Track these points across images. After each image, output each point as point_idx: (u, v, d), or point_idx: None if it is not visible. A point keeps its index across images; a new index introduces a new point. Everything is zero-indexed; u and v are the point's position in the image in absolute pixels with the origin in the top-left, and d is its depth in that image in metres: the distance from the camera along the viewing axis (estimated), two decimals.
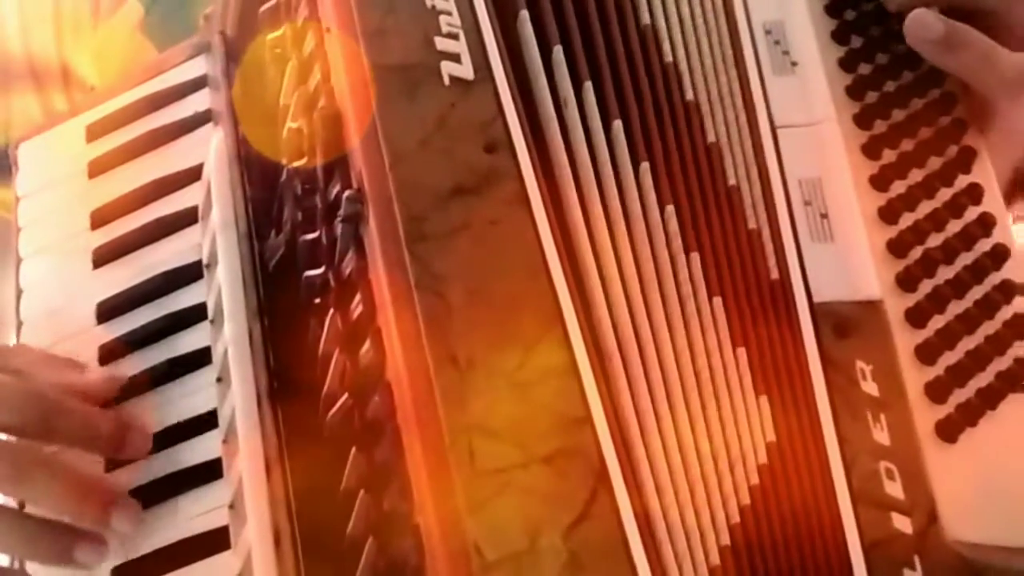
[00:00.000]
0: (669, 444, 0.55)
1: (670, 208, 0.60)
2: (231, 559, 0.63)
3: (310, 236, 0.63)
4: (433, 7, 0.61)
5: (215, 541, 0.64)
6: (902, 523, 0.55)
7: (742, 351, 0.58)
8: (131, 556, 0.66)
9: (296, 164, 0.65)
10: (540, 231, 0.56)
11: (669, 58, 0.64)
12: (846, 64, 0.67)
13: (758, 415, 0.57)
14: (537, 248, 0.56)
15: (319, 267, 0.62)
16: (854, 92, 0.66)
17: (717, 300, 0.59)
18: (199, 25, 0.80)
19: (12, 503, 0.67)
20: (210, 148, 0.72)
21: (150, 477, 0.67)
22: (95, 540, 0.65)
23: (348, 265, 0.59)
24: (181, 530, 0.66)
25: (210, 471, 0.66)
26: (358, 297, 0.58)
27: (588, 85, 0.61)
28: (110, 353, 0.72)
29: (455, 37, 0.61)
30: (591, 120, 0.61)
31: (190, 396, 0.69)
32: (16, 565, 0.67)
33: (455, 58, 0.60)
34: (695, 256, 0.59)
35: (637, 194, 0.60)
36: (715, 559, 0.54)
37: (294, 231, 0.65)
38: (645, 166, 0.60)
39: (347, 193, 0.58)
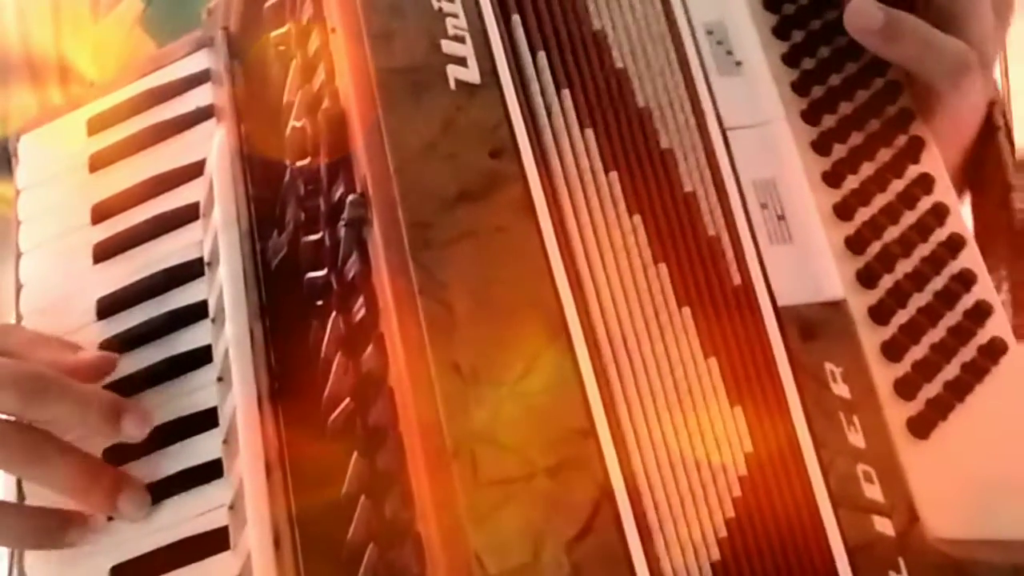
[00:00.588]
0: (660, 457, 0.54)
1: (637, 218, 0.59)
2: (230, 560, 0.63)
3: (313, 237, 0.63)
4: (440, 10, 0.61)
5: (215, 541, 0.64)
6: (883, 525, 0.54)
7: (713, 361, 0.57)
8: (130, 555, 0.66)
9: (299, 164, 0.64)
10: (545, 239, 0.56)
11: (620, 64, 0.64)
12: (789, 60, 0.66)
13: (734, 426, 0.56)
14: (542, 256, 0.55)
15: (322, 269, 0.61)
16: (800, 88, 0.66)
17: (686, 310, 0.58)
18: (199, 20, 0.79)
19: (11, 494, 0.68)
20: (212, 144, 0.72)
21: (151, 476, 0.67)
22: (87, 521, 0.66)
23: (351, 269, 0.59)
24: (181, 530, 0.66)
25: (210, 471, 0.66)
26: (361, 301, 0.57)
27: (566, 93, 0.61)
28: (110, 349, 0.71)
29: (461, 40, 0.60)
30: (571, 128, 0.60)
31: (190, 395, 0.69)
32: (15, 564, 0.67)
33: (461, 62, 0.60)
34: (663, 267, 0.59)
35: (612, 203, 0.59)
36: (708, 573, 0.54)
37: (297, 231, 0.65)
38: (614, 175, 0.60)
39: (351, 197, 0.58)
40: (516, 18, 0.62)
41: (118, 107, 0.79)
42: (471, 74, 0.59)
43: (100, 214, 0.76)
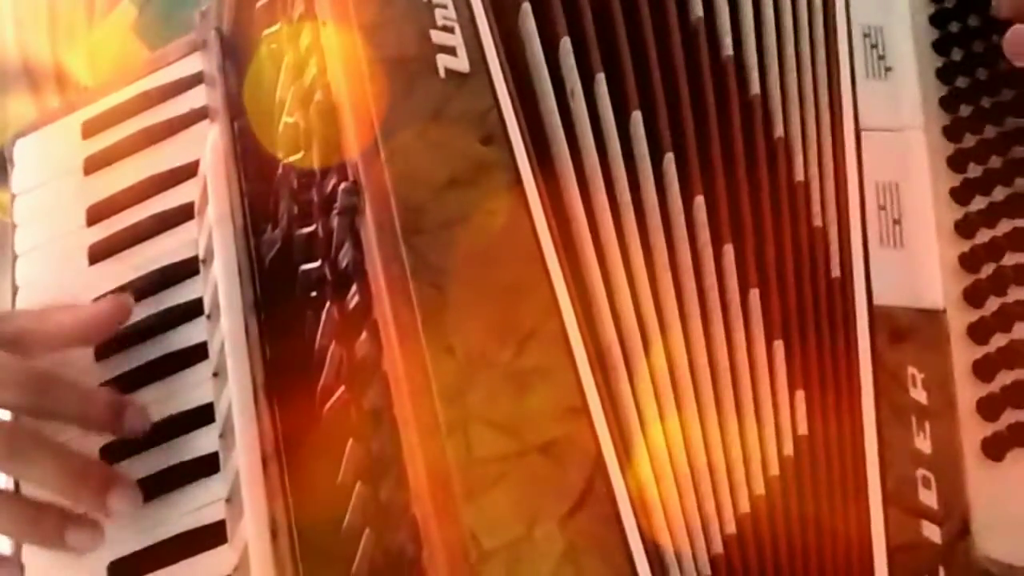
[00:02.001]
0: (671, 433, 0.55)
1: (699, 199, 0.60)
2: (228, 553, 0.63)
3: (306, 230, 0.63)
4: (429, 0, 0.61)
5: (212, 535, 0.64)
6: (931, 532, 0.54)
7: (779, 344, 0.57)
8: (128, 550, 0.66)
9: (293, 158, 0.65)
10: (536, 222, 0.56)
11: (729, 52, 0.64)
12: (943, 75, 0.66)
13: (789, 408, 0.56)
14: (533, 239, 0.56)
15: (315, 260, 0.62)
16: (948, 104, 0.66)
17: (754, 292, 0.58)
18: (191, 26, 0.80)
19: (9, 484, 0.68)
20: (206, 144, 0.72)
21: (147, 471, 0.67)
22: (88, 524, 0.66)
23: (344, 258, 0.59)
24: (178, 524, 0.66)
25: (207, 465, 0.66)
26: (354, 289, 0.58)
27: (600, 77, 0.61)
28: (106, 349, 0.72)
29: (451, 30, 0.61)
30: (602, 111, 0.61)
31: (187, 391, 0.69)
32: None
33: (451, 51, 0.60)
34: (728, 248, 0.59)
35: (654, 185, 0.60)
36: (718, 548, 0.53)
37: (290, 225, 0.65)
38: (669, 157, 0.60)
39: (343, 186, 0.58)
40: (527, 7, 0.62)
41: (112, 110, 0.80)
42: (460, 63, 0.60)
43: (95, 215, 0.77)
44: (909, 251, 0.61)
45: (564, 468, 0.51)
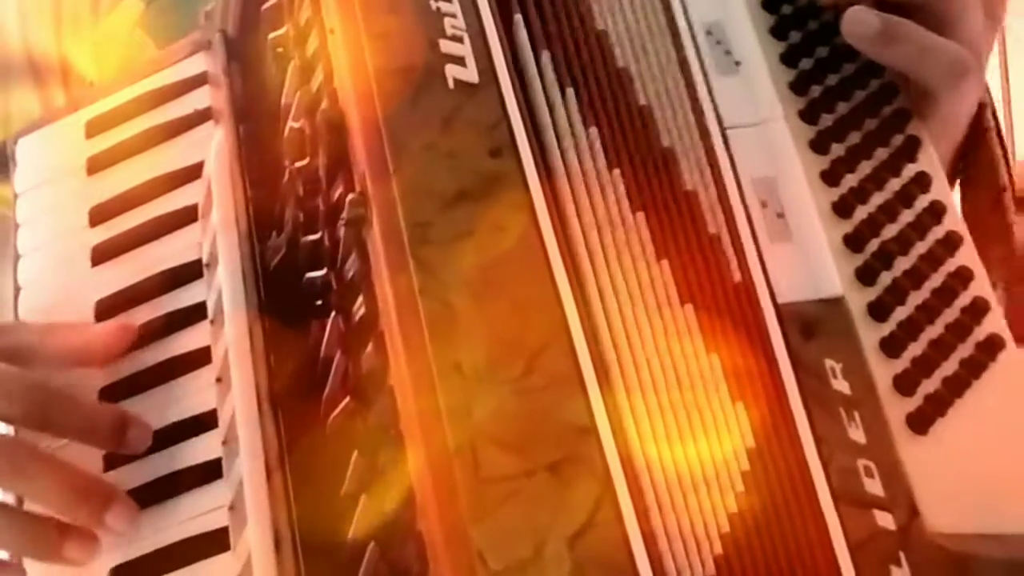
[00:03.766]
0: (664, 454, 0.55)
1: (640, 215, 0.60)
2: (230, 561, 0.63)
3: (312, 237, 0.63)
4: (438, 10, 0.61)
5: (214, 542, 0.64)
6: (885, 520, 0.55)
7: (715, 357, 0.57)
8: (130, 556, 0.66)
9: (298, 164, 0.64)
10: (544, 237, 0.56)
11: (622, 63, 0.64)
12: (787, 59, 0.67)
13: (736, 421, 0.56)
14: (542, 255, 0.56)
15: (321, 269, 0.61)
16: (798, 87, 0.66)
17: (689, 307, 0.58)
18: (199, 22, 0.79)
19: (10, 498, 0.67)
20: (211, 146, 0.72)
21: (150, 477, 0.67)
22: (85, 538, 0.65)
23: (351, 268, 0.59)
24: (180, 530, 0.65)
25: (210, 472, 0.66)
26: (360, 300, 0.58)
27: (570, 92, 0.61)
28: None
29: (460, 40, 0.60)
30: (575, 126, 0.61)
31: (190, 396, 0.69)
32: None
33: (460, 61, 0.60)
34: (665, 263, 0.59)
35: (615, 201, 0.60)
36: (711, 568, 0.54)
37: (296, 231, 0.65)
38: (617, 173, 0.60)
39: (350, 196, 0.58)
40: (518, 17, 0.62)
41: (117, 110, 0.79)
42: (469, 73, 0.60)
43: (98, 216, 0.76)
44: (798, 243, 0.61)
45: (572, 488, 0.51)
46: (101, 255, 0.75)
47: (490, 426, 0.52)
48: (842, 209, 0.63)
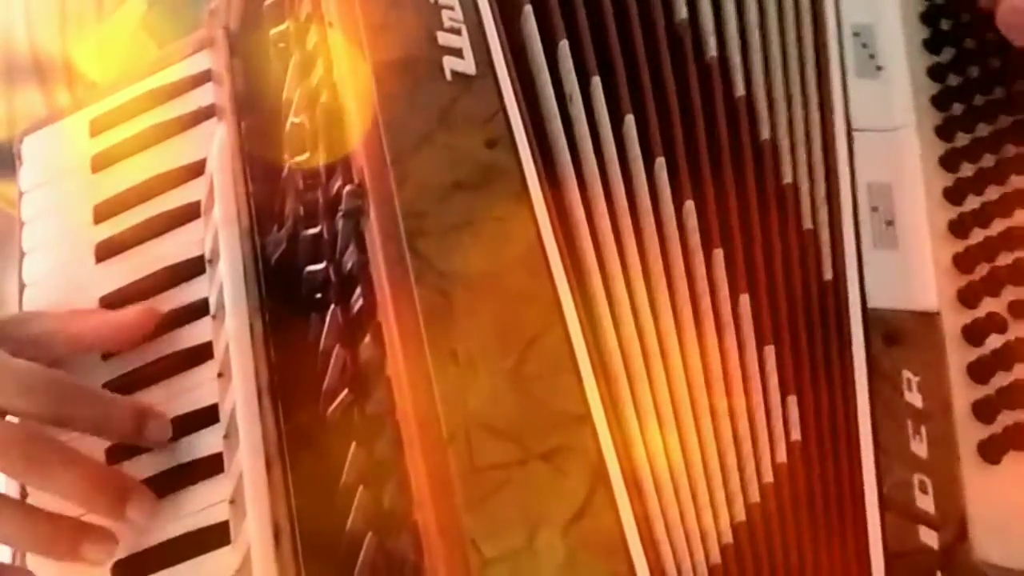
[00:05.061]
0: (670, 441, 0.54)
1: (689, 204, 0.59)
2: (231, 555, 0.63)
3: (312, 231, 0.63)
4: (436, 2, 0.61)
5: (215, 536, 0.64)
6: (929, 537, 0.54)
7: (770, 349, 0.57)
8: (132, 551, 0.66)
9: (298, 159, 0.65)
10: (541, 227, 0.56)
11: (713, 53, 0.64)
12: (935, 74, 0.66)
13: (781, 414, 0.56)
14: (538, 245, 0.55)
15: (320, 262, 0.61)
16: (939, 102, 0.65)
17: (744, 297, 0.58)
18: (200, 23, 0.80)
19: (14, 491, 0.68)
20: (213, 143, 0.72)
21: (151, 472, 0.67)
22: (104, 536, 0.65)
23: (349, 260, 0.59)
24: (181, 525, 0.66)
25: (211, 466, 0.66)
26: (358, 292, 0.58)
27: (596, 80, 0.61)
28: None
29: (457, 32, 0.60)
30: (598, 115, 0.60)
31: (191, 391, 0.69)
32: (17, 561, 0.67)
33: (457, 53, 0.60)
34: (718, 252, 0.59)
35: (647, 190, 0.59)
36: (716, 557, 0.53)
37: (296, 226, 0.65)
38: (660, 161, 0.60)
39: (348, 188, 0.58)
40: (528, 9, 0.62)
41: (120, 108, 0.80)
42: (467, 65, 0.59)
43: (102, 214, 0.77)
44: (903, 253, 0.60)
45: (566, 476, 0.51)
46: (105, 252, 0.76)
47: (485, 414, 0.52)
48: (959, 229, 0.61)
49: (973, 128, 0.64)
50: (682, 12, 0.64)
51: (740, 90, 0.63)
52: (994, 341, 0.59)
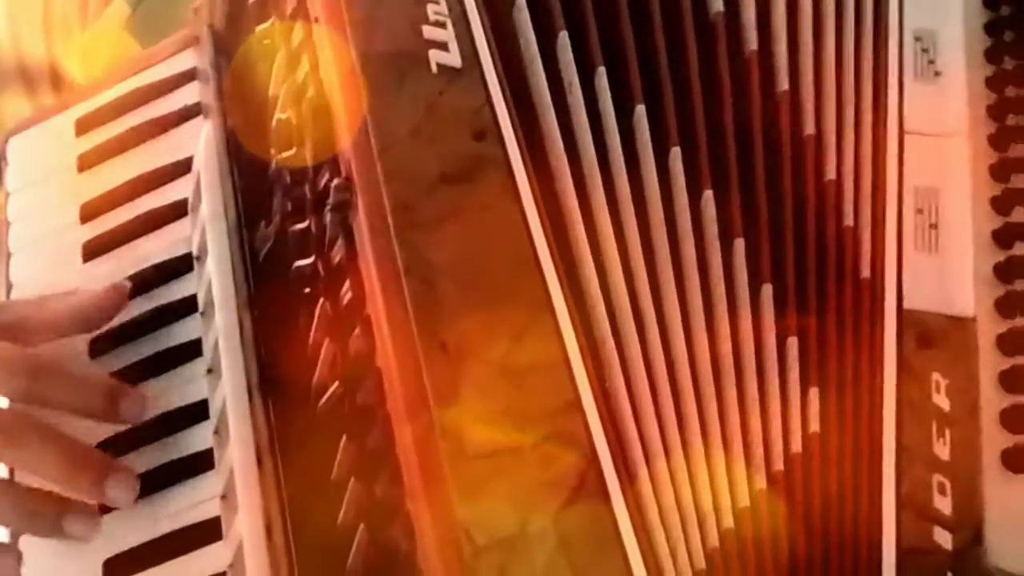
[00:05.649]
0: (668, 428, 0.55)
1: (708, 194, 0.60)
2: (223, 550, 0.63)
3: (300, 226, 0.63)
4: None
5: (207, 532, 0.64)
6: (942, 538, 0.54)
7: (793, 341, 0.57)
8: (122, 548, 0.66)
9: (285, 155, 0.65)
10: (528, 218, 0.56)
11: (753, 47, 0.64)
12: (993, 84, 0.66)
13: (799, 405, 0.56)
14: (525, 235, 0.56)
15: (309, 256, 0.62)
16: (995, 111, 0.65)
17: (767, 288, 0.58)
18: (186, 22, 0.80)
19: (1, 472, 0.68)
20: (200, 140, 0.72)
21: (141, 468, 0.67)
22: (86, 511, 0.65)
23: (337, 254, 0.59)
24: (173, 521, 0.66)
25: (201, 462, 0.66)
26: (347, 285, 0.58)
27: (601, 71, 0.61)
28: (100, 345, 0.72)
29: (442, 25, 0.61)
30: (603, 105, 0.61)
31: (181, 388, 0.69)
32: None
33: (443, 46, 0.60)
34: (739, 243, 0.59)
35: (656, 179, 0.60)
36: (714, 542, 0.54)
37: (284, 221, 0.65)
38: (676, 151, 0.60)
39: (336, 182, 0.58)
40: (521, 1, 0.62)
41: (106, 107, 0.80)
42: (452, 58, 0.60)
43: (89, 213, 0.76)
44: (944, 257, 0.61)
45: (557, 464, 0.51)
46: (92, 251, 0.76)
47: (475, 404, 0.52)
48: (1003, 238, 0.62)
49: None
50: (718, 5, 0.65)
51: (784, 85, 0.63)
52: None
